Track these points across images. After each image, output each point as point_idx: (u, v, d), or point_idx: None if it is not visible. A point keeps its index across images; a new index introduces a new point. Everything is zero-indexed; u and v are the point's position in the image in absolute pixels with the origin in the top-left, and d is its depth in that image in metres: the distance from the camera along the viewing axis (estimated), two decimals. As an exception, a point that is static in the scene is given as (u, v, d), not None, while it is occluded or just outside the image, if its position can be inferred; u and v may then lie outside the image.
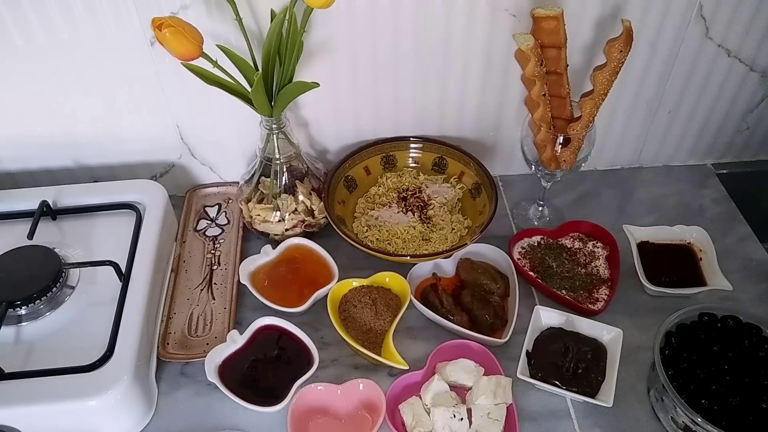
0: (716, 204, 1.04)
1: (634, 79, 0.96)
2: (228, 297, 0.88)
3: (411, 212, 0.95)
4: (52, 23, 0.81)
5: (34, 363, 0.73)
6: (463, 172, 0.99)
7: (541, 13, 0.77)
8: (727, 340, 0.76)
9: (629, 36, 0.76)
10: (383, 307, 0.83)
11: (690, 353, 0.75)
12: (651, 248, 0.95)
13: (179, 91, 0.90)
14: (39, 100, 0.90)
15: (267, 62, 0.78)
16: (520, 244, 0.94)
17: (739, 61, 0.95)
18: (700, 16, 0.89)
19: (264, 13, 0.83)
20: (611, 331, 0.80)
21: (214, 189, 1.04)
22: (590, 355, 0.78)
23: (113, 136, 0.96)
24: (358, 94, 0.94)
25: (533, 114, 0.85)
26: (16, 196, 0.90)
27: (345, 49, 0.88)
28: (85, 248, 0.86)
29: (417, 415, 0.73)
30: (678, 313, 0.78)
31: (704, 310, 0.79)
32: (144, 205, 0.89)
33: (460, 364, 0.77)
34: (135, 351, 0.72)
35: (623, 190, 1.06)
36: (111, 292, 0.79)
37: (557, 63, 0.81)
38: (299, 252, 0.91)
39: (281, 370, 0.77)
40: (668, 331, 0.77)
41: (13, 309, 0.76)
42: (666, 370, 0.72)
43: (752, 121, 1.05)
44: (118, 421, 0.72)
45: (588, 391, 0.75)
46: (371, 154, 1.00)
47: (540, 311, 0.83)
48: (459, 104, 0.97)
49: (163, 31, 0.68)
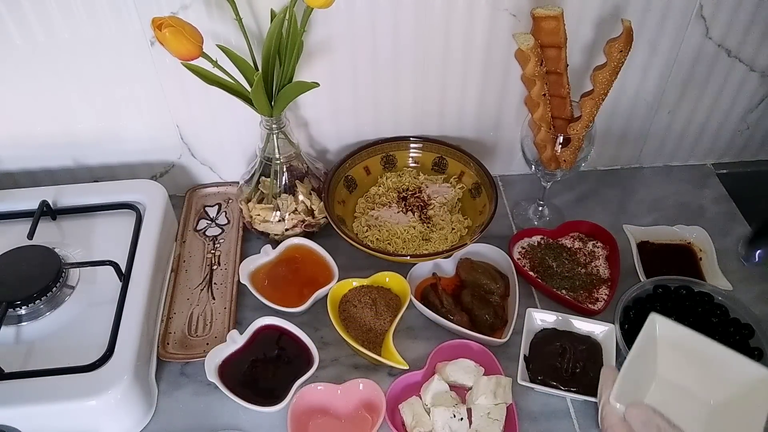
0: (716, 204, 1.04)
1: (634, 79, 0.96)
2: (228, 297, 0.88)
3: (411, 212, 0.95)
4: (52, 23, 0.81)
5: (34, 363, 0.73)
6: (463, 172, 0.99)
7: (541, 13, 0.77)
8: (681, 309, 0.81)
9: (629, 36, 0.76)
10: (383, 307, 0.83)
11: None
12: (651, 248, 0.95)
13: (179, 91, 0.90)
14: (39, 100, 0.90)
15: (267, 62, 0.78)
16: (520, 244, 0.94)
17: (739, 61, 0.95)
18: (700, 16, 0.89)
19: (264, 13, 0.83)
20: (604, 328, 0.81)
21: (214, 189, 1.04)
22: (587, 354, 0.78)
23: (113, 136, 0.96)
24: (358, 94, 0.94)
25: (533, 114, 0.85)
26: (16, 196, 0.90)
27: (345, 49, 0.88)
28: (85, 248, 0.86)
29: (417, 415, 0.73)
30: (634, 288, 0.84)
31: (658, 283, 0.84)
32: (144, 205, 0.89)
33: (460, 364, 0.77)
34: (135, 351, 0.72)
35: (623, 190, 1.06)
36: (111, 292, 0.79)
37: (557, 63, 0.81)
38: (299, 252, 0.91)
39: (281, 370, 0.77)
40: (626, 306, 0.82)
41: (13, 309, 0.76)
42: (627, 344, 0.76)
43: (752, 121, 1.05)
44: (118, 421, 0.72)
45: (588, 389, 0.75)
46: (371, 154, 1.00)
47: (533, 313, 0.83)
48: (459, 104, 0.97)
49: (163, 31, 0.68)
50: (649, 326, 0.72)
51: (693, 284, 0.85)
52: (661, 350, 0.73)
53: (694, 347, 0.71)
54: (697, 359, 0.71)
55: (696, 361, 0.71)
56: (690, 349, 0.72)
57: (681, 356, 0.72)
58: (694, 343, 0.71)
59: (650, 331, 0.72)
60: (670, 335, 0.72)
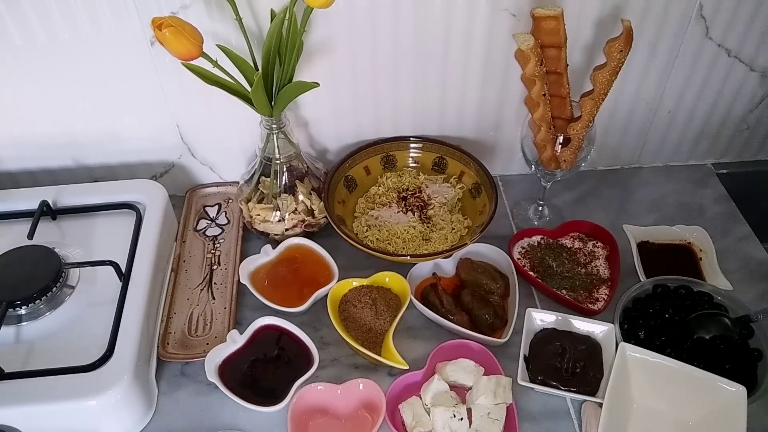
0: (716, 204, 1.04)
1: (634, 79, 0.96)
2: (228, 297, 0.88)
3: (411, 212, 0.95)
4: (52, 23, 0.81)
5: (34, 363, 0.73)
6: (463, 172, 0.99)
7: (541, 12, 0.77)
8: (681, 309, 0.81)
9: (629, 36, 0.76)
10: (383, 306, 0.83)
11: (647, 322, 0.80)
12: (651, 248, 0.95)
13: (179, 91, 0.90)
14: (39, 100, 0.90)
15: (267, 62, 0.78)
16: (520, 244, 0.94)
17: (739, 61, 0.95)
18: (700, 16, 0.89)
19: (264, 13, 0.83)
20: (604, 327, 0.81)
21: (214, 189, 1.04)
22: (586, 353, 0.78)
23: (113, 135, 0.96)
24: (358, 94, 0.94)
25: (533, 114, 0.85)
26: (16, 196, 0.90)
27: (345, 49, 0.88)
28: (85, 248, 0.86)
29: (417, 415, 0.73)
30: (634, 288, 0.84)
31: (657, 283, 0.85)
32: (144, 205, 0.89)
33: (460, 364, 0.77)
34: (135, 351, 0.72)
35: (623, 190, 1.06)
36: (111, 291, 0.79)
37: (557, 63, 0.81)
38: (299, 252, 0.91)
39: (281, 370, 0.77)
40: (625, 306, 0.83)
41: (13, 309, 0.76)
42: (627, 341, 0.77)
43: (752, 121, 1.05)
44: (118, 420, 0.72)
45: (589, 389, 0.75)
46: (371, 154, 1.00)
47: (532, 313, 0.83)
48: (459, 104, 0.97)
49: (163, 30, 0.68)
50: (620, 356, 0.74)
51: (693, 284, 0.85)
52: (635, 378, 0.74)
53: (666, 371, 0.73)
54: (671, 382, 0.73)
55: (670, 384, 0.73)
56: (663, 374, 0.73)
57: (655, 381, 0.74)
58: (664, 368, 0.73)
59: (622, 361, 0.74)
60: (641, 363, 0.74)
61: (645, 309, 0.82)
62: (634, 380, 0.74)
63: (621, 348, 0.74)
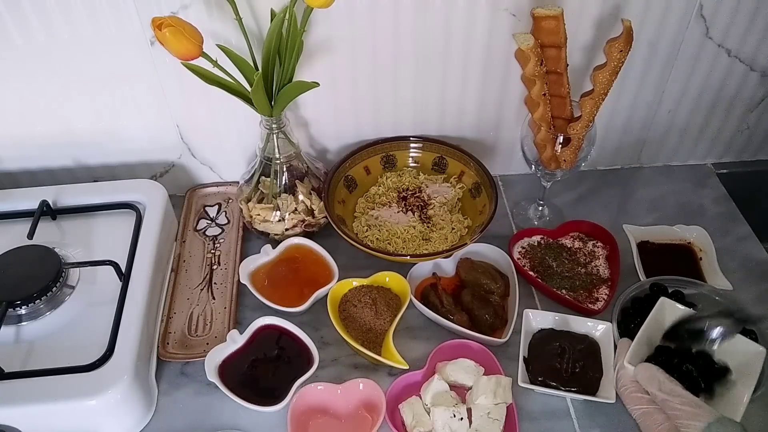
0: (716, 204, 1.04)
1: (634, 79, 0.96)
2: (228, 297, 0.88)
3: (411, 212, 0.95)
4: (52, 23, 0.81)
5: (34, 363, 0.73)
6: (463, 171, 0.99)
7: (541, 12, 0.77)
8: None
9: (629, 36, 0.76)
10: (383, 306, 0.83)
11: (644, 321, 0.79)
12: (651, 248, 0.95)
13: (179, 91, 0.90)
14: (39, 99, 0.90)
15: (267, 62, 0.78)
16: (520, 244, 0.94)
17: (739, 61, 0.95)
18: (700, 16, 0.89)
19: (264, 13, 0.83)
20: (601, 326, 0.81)
21: (214, 189, 1.04)
22: (585, 353, 0.78)
23: (113, 135, 0.96)
24: (358, 94, 0.94)
25: (533, 114, 0.85)
26: (16, 196, 0.90)
27: (345, 49, 0.88)
28: (85, 248, 0.86)
29: (417, 415, 0.73)
30: (632, 288, 0.85)
31: (656, 283, 0.85)
32: (144, 205, 0.89)
33: (460, 364, 0.77)
34: (135, 351, 0.72)
35: (623, 190, 1.06)
36: (111, 291, 0.79)
37: (557, 63, 0.81)
38: (299, 252, 0.91)
39: (281, 370, 0.77)
40: (623, 305, 0.83)
41: (13, 309, 0.76)
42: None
43: (752, 121, 1.05)
44: (118, 420, 0.72)
45: (589, 389, 0.75)
46: (371, 154, 1.00)
47: (530, 314, 0.82)
48: (459, 104, 0.97)
49: (163, 30, 0.68)
50: (658, 307, 0.77)
51: (692, 284, 0.84)
52: (668, 324, 0.78)
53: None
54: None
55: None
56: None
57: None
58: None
59: (659, 311, 0.77)
60: (676, 312, 0.77)
61: (643, 308, 0.82)
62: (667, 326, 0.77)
63: (660, 302, 0.77)
